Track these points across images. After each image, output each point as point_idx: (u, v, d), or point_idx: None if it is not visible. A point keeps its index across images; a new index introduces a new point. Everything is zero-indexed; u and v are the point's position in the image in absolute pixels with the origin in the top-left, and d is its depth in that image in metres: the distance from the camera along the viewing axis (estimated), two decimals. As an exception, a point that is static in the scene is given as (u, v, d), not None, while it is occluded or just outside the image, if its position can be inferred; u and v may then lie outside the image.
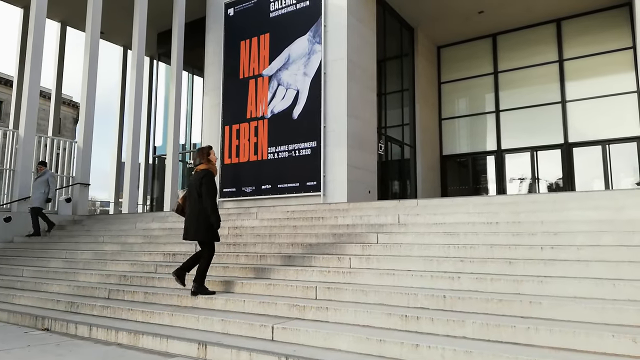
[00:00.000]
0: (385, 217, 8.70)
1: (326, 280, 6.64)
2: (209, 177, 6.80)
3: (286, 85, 14.87)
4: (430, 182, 18.93)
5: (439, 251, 6.85)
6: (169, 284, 7.49)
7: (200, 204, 6.74)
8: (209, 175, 6.83)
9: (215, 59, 16.46)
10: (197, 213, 6.75)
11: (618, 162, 16.60)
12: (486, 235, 6.98)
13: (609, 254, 5.86)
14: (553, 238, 6.54)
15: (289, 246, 8.15)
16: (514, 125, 18.66)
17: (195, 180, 6.86)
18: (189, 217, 6.88)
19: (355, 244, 7.62)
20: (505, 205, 8.15)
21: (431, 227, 7.83)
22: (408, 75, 18.41)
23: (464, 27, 18.66)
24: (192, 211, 6.84)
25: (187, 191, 7.04)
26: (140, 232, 11.15)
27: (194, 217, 6.79)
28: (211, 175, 6.85)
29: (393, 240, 7.62)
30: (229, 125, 15.83)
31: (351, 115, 13.62)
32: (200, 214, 6.73)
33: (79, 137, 13.96)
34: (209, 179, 6.79)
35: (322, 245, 7.92)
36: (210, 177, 6.82)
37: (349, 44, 13.83)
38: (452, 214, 8.20)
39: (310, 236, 8.51)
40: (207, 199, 6.70)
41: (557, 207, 7.69)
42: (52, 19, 18.96)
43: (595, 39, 17.29)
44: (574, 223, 6.95)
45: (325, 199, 13.52)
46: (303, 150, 14.27)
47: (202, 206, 6.73)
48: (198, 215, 6.75)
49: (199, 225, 6.73)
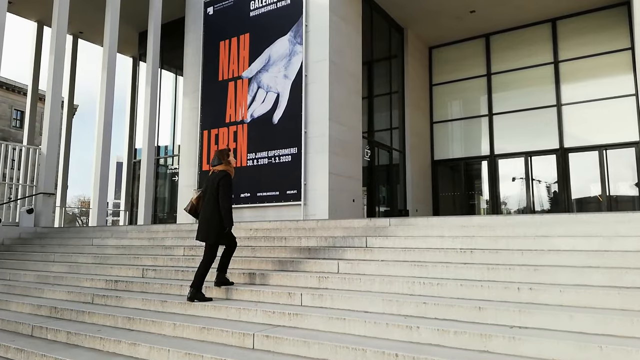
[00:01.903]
0: (352, 239, 7.69)
1: (269, 322, 5.63)
2: (226, 179, 6.73)
3: (266, 88, 13.89)
4: (421, 189, 17.91)
5: (402, 287, 5.84)
6: (99, 320, 6.50)
7: (214, 205, 6.63)
8: (227, 177, 6.76)
9: (195, 60, 15.48)
10: (210, 214, 6.64)
11: (616, 169, 15.57)
12: (457, 268, 5.97)
13: (597, 299, 4.85)
14: (533, 274, 5.53)
15: (240, 275, 7.14)
16: (507, 129, 17.63)
17: (212, 181, 6.77)
18: (202, 218, 6.75)
19: (312, 275, 6.62)
20: (483, 229, 7.13)
21: (399, 253, 6.82)
22: (398, 77, 17.38)
23: (455, 27, 17.61)
24: (205, 212, 6.72)
25: (203, 191, 6.92)
26: (95, 250, 10.17)
27: (206, 218, 6.67)
28: (229, 177, 6.79)
29: (355, 269, 6.62)
30: (207, 129, 14.86)
31: (334, 120, 12.64)
32: (213, 215, 6.61)
33: (43, 143, 12.90)
34: (227, 181, 6.71)
35: (275, 274, 6.93)
36: (228, 179, 6.76)
37: (332, 44, 12.84)
38: (424, 238, 7.19)
39: (266, 262, 7.51)
40: (224, 201, 6.61)
41: (541, 233, 6.67)
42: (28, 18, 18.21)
43: (592, 40, 16.26)
44: (558, 254, 5.94)
45: (306, 208, 12.58)
46: (283, 157, 13.30)
47: (215, 208, 6.61)
48: (211, 217, 6.62)
49: (211, 227, 6.61)
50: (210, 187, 6.77)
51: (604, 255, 5.71)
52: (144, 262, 8.75)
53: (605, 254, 5.74)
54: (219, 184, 6.65)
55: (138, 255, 9.11)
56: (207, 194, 6.79)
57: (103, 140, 13.66)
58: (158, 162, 18.20)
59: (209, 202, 6.68)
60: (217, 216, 6.59)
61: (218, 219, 6.58)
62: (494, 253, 6.23)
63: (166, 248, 9.21)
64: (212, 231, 6.60)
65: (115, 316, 6.34)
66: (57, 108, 13.08)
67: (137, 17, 17.11)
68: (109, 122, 14.01)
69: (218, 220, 6.58)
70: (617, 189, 15.55)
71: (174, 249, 9.00)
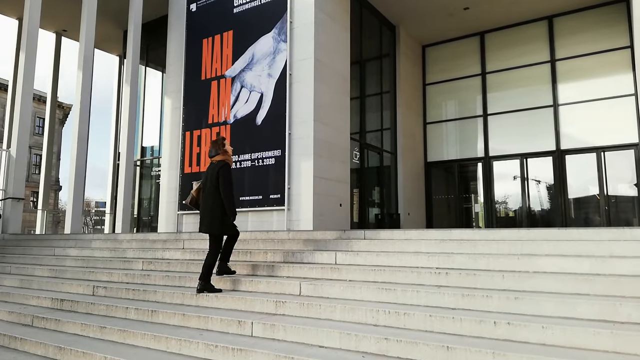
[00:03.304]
0: (321, 254, 6.91)
1: (210, 358, 4.84)
2: (226, 168, 6.59)
3: (250, 88, 13.11)
4: (413, 192, 17.09)
5: (366, 315, 5.05)
6: (30, 348, 5.72)
7: (216, 196, 6.49)
8: (226, 166, 6.62)
9: (177, 58, 14.70)
10: (212, 205, 6.50)
11: (614, 171, 14.73)
12: (429, 294, 5.18)
13: (585, 338, 4.05)
14: (513, 304, 4.74)
15: (192, 297, 6.34)
16: (502, 130, 16.79)
17: (212, 172, 6.62)
18: (203, 209, 6.62)
19: (269, 298, 5.82)
20: (463, 245, 6.33)
21: (369, 273, 6.03)
22: (389, 76, 16.55)
23: (449, 24, 16.78)
24: (206, 203, 6.58)
25: (202, 183, 6.78)
26: (53, 262, 9.40)
27: (208, 209, 6.53)
28: (228, 166, 6.65)
29: (319, 291, 5.83)
30: (190, 131, 14.09)
31: (319, 121, 11.86)
32: (215, 206, 6.48)
33: (13, 145, 12.11)
34: (226, 170, 6.58)
35: (229, 296, 6.13)
36: (228, 168, 6.62)
37: (317, 42, 12.05)
38: (399, 255, 6.39)
39: (224, 280, 6.71)
40: (226, 190, 6.48)
41: (527, 250, 5.88)
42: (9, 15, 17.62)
43: (590, 38, 15.41)
44: (544, 277, 5.14)
45: (290, 213, 11.82)
46: (267, 160, 12.53)
47: (217, 198, 6.47)
48: (212, 208, 6.49)
49: (214, 218, 6.46)
50: (210, 178, 6.61)
51: (596, 281, 4.91)
52: (98, 277, 7.98)
53: (597, 278, 4.95)
54: (218, 173, 6.49)
55: (95, 269, 8.36)
56: (207, 185, 6.63)
57: (78, 141, 12.85)
58: (143, 163, 17.44)
59: (210, 194, 6.54)
60: (219, 207, 6.46)
61: (221, 210, 6.45)
62: (472, 275, 5.44)
63: (125, 261, 8.43)
64: (216, 222, 6.45)
65: (46, 345, 5.56)
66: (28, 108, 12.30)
67: (122, 15, 16.34)
68: (84, 120, 13.21)
69: (221, 211, 6.45)
70: (615, 192, 14.73)
71: (132, 263, 8.23)
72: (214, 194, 6.50)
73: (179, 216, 13.82)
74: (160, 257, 8.31)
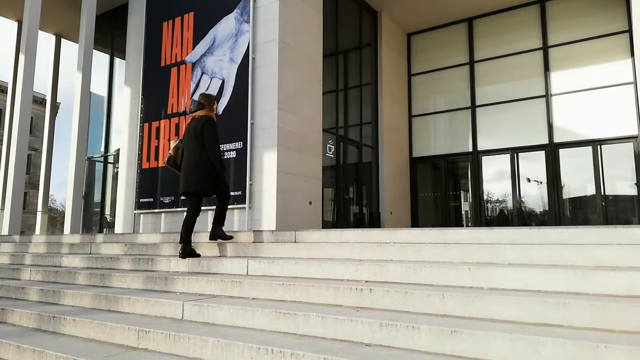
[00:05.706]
0: (231, 262, 5.30)
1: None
2: (210, 122, 6.04)
3: (210, 74, 11.56)
4: (397, 189, 15.43)
5: (241, 356, 3.41)
6: None
7: (201, 152, 5.87)
8: (210, 120, 6.07)
9: (137, 44, 13.16)
10: (198, 161, 5.88)
11: (611, 166, 13.07)
12: (338, 322, 3.56)
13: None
14: (448, 340, 3.12)
15: (50, 321, 4.71)
16: (491, 122, 15.14)
17: (195, 126, 5.99)
18: (187, 167, 5.96)
19: (137, 325, 4.19)
20: (406, 249, 4.71)
21: (276, 289, 4.42)
22: (371, 66, 14.90)
23: (435, 10, 15.14)
24: (190, 161, 5.95)
25: (183, 139, 6.12)
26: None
27: (193, 167, 5.90)
28: (213, 121, 6.11)
29: (203, 316, 4.23)
30: (148, 122, 12.53)
31: (285, 110, 10.25)
32: (202, 163, 5.86)
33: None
34: (211, 125, 6.03)
35: (89, 321, 4.51)
36: (213, 122, 6.08)
37: (283, 22, 10.44)
38: (323, 262, 4.78)
39: (85, 296, 5.09)
40: (212, 145, 5.94)
41: (484, 258, 4.26)
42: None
43: (585, 22, 13.77)
44: (499, 299, 3.50)
45: (252, 212, 10.21)
46: (228, 153, 10.91)
47: (203, 154, 5.86)
48: (199, 165, 5.88)
49: (203, 175, 5.85)
50: (192, 133, 5.98)
51: (573, 305, 3.26)
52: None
53: (575, 301, 3.29)
54: (203, 128, 5.89)
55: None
56: (189, 142, 6.00)
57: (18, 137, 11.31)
58: (106, 159, 15.87)
59: (193, 151, 5.92)
60: (206, 163, 5.87)
61: (209, 166, 5.87)
62: (403, 293, 3.80)
63: (14, 270, 6.83)
64: (206, 180, 5.88)
65: None
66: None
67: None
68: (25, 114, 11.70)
69: (209, 168, 5.87)
70: (613, 188, 13.13)
71: (22, 272, 6.62)
72: (199, 149, 5.88)
73: (135, 215, 12.29)
74: (56, 265, 6.72)
